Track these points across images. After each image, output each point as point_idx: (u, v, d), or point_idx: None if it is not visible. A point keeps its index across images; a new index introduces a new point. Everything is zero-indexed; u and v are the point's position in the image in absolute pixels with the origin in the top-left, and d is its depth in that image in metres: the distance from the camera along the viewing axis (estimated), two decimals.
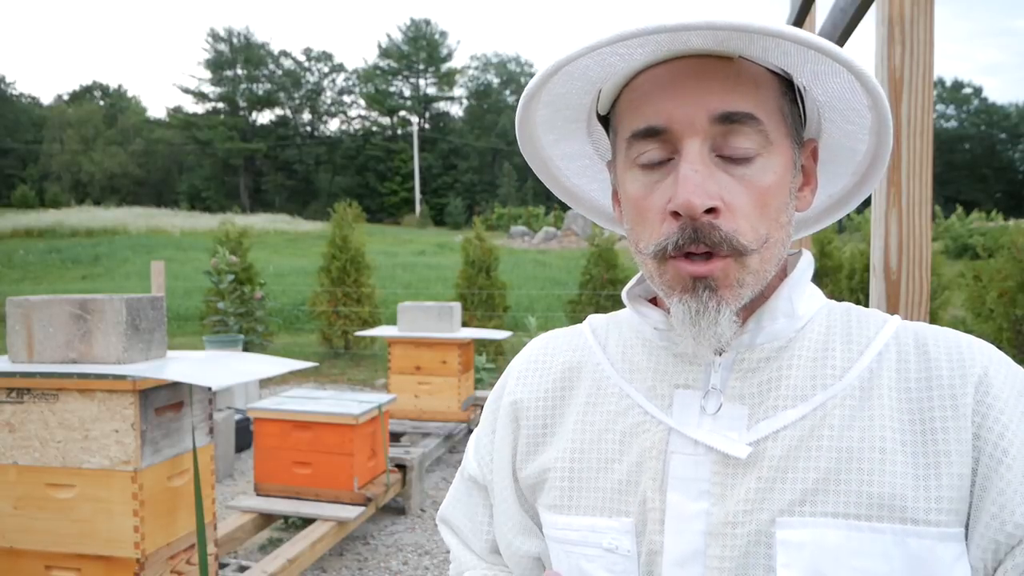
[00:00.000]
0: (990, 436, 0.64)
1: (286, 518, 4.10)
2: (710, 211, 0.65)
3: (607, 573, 0.73)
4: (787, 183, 0.69)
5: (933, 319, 8.11)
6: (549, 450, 0.80)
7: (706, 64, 0.66)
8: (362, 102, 57.05)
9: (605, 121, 0.78)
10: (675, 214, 0.66)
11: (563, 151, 0.83)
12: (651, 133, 0.67)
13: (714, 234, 0.65)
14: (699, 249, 0.66)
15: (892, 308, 1.41)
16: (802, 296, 0.74)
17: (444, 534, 0.94)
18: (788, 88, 0.70)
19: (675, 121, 0.66)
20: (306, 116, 57.52)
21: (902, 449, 0.66)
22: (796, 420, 0.69)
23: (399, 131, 54.59)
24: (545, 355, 0.87)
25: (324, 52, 58.52)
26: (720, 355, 0.72)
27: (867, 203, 1.34)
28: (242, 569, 3.08)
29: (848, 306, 0.77)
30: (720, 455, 0.69)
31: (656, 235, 0.68)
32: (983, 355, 0.69)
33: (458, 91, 57.69)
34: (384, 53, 55.57)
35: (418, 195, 46.10)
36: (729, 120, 0.65)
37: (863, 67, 0.64)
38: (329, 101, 57.39)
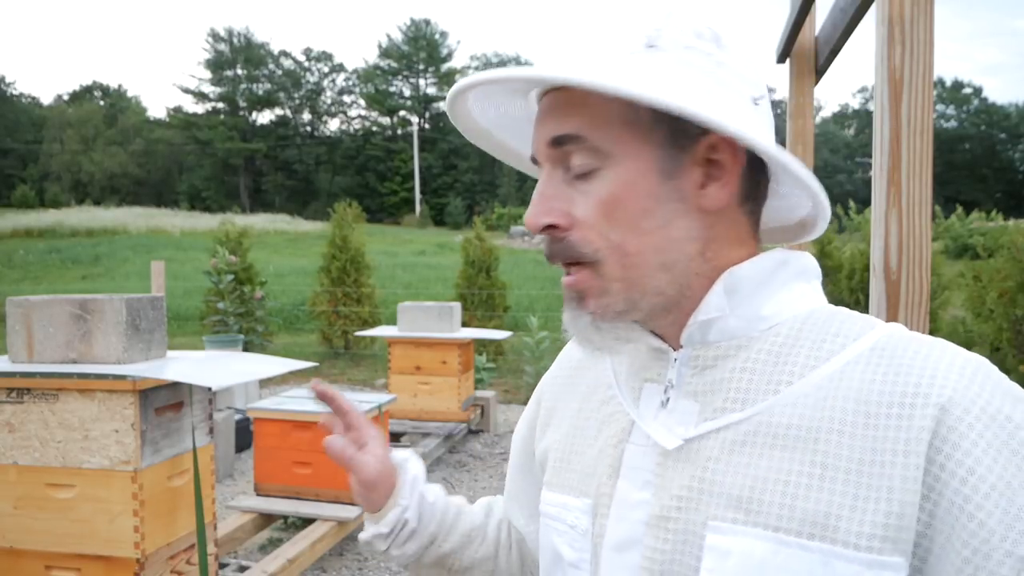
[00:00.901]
0: (959, 470, 0.59)
1: (286, 518, 4.10)
2: (551, 228, 0.71)
3: (569, 548, 0.78)
4: (647, 189, 0.68)
5: (933, 319, 8.12)
6: (553, 431, 0.87)
7: (556, 96, 0.72)
8: (362, 102, 57.10)
9: None
10: None
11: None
12: (534, 160, 0.76)
13: (554, 246, 0.72)
14: (555, 262, 0.73)
15: (892, 308, 1.41)
16: (771, 296, 0.72)
17: None
18: None
19: (534, 150, 0.74)
20: (306, 116, 57.55)
21: (846, 466, 0.62)
22: (738, 421, 0.68)
23: (399, 131, 54.60)
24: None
25: (324, 52, 58.52)
26: (676, 351, 0.74)
27: (867, 203, 1.34)
28: (242, 569, 3.08)
29: (837, 311, 0.72)
30: (662, 447, 0.71)
31: None
32: (963, 376, 0.62)
33: None
34: (384, 53, 55.58)
35: (418, 195, 46.11)
36: (558, 143, 0.71)
37: (634, 92, 0.63)
38: (329, 101, 57.43)
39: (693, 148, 0.69)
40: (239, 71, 53.96)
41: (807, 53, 2.73)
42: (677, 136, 0.69)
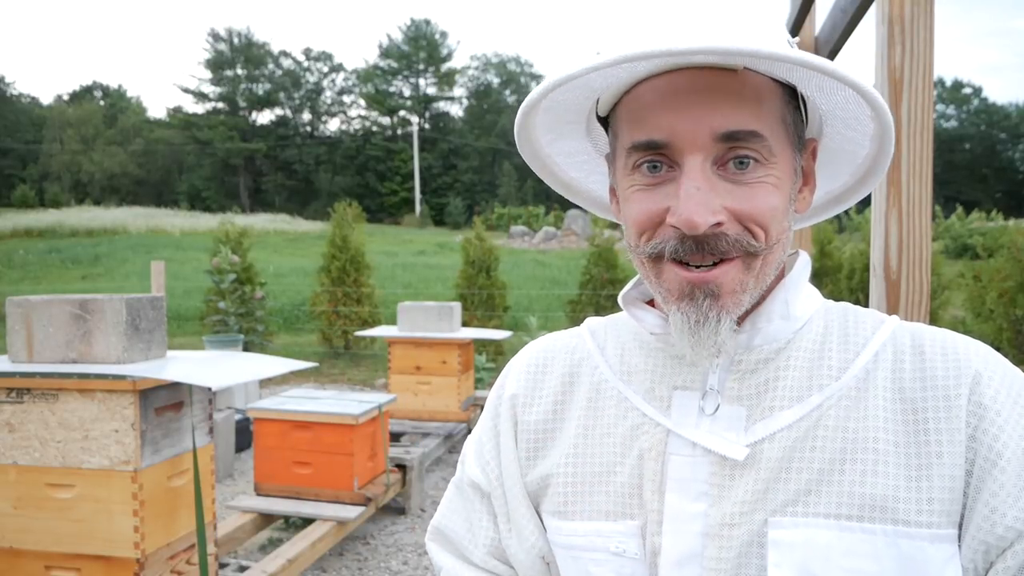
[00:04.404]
0: (985, 438, 0.64)
1: (286, 518, 4.10)
2: (714, 225, 0.65)
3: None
4: (788, 190, 0.70)
5: (933, 319, 8.11)
6: (551, 456, 0.80)
7: (709, 77, 0.65)
8: (362, 102, 57.03)
9: (604, 120, 0.78)
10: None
11: (561, 149, 0.84)
12: (652, 146, 0.67)
13: (721, 242, 0.66)
14: (705, 260, 0.66)
15: (892, 308, 1.41)
16: (799, 297, 0.74)
17: (434, 551, 0.89)
18: (791, 95, 0.70)
19: (677, 137, 0.65)
20: (306, 116, 57.50)
21: (895, 450, 0.66)
22: (793, 421, 0.69)
23: (399, 131, 54.56)
24: (546, 359, 0.86)
25: (324, 52, 58.48)
26: (717, 357, 0.72)
27: (867, 203, 1.34)
28: (242, 569, 3.08)
29: (846, 306, 0.77)
30: (718, 457, 0.69)
31: (653, 237, 0.68)
32: (979, 356, 0.68)
33: (458, 91, 57.67)
34: (384, 53, 55.55)
35: (418, 195, 46.09)
36: (733, 139, 0.65)
37: (868, 86, 0.64)
38: (329, 101, 57.38)
39: (802, 154, 0.72)
40: (239, 71, 53.91)
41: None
42: (799, 139, 0.71)
